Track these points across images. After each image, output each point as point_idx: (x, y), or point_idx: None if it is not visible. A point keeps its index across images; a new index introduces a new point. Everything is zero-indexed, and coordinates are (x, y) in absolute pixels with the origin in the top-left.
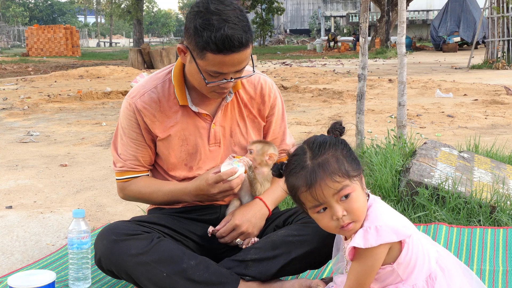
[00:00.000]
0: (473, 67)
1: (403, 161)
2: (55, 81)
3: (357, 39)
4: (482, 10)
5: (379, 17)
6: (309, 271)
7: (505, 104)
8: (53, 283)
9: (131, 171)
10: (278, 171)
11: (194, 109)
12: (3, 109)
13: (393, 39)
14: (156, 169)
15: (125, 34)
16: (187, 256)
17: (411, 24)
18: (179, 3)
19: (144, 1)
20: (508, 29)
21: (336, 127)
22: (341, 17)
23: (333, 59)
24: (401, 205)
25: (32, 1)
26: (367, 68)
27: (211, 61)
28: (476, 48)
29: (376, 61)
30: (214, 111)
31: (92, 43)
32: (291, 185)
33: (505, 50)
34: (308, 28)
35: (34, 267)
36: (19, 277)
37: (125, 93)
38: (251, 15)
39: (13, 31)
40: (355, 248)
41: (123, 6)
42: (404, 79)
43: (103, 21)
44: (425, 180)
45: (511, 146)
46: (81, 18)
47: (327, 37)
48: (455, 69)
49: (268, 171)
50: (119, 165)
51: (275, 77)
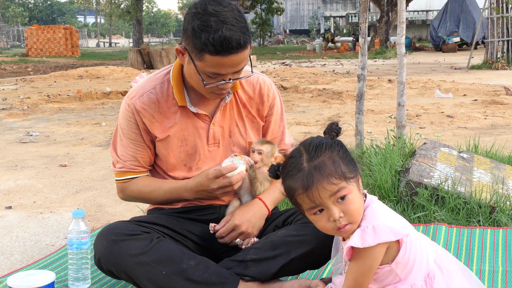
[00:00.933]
0: (473, 67)
1: (402, 161)
2: (55, 81)
3: (357, 40)
4: (481, 10)
5: (378, 17)
6: (308, 271)
7: (505, 104)
8: (53, 283)
9: (130, 171)
10: (275, 172)
11: (192, 109)
12: (3, 109)
13: (392, 39)
14: (155, 169)
15: (124, 34)
16: (187, 256)
17: (411, 24)
18: (178, 3)
19: (143, 1)
20: (507, 29)
21: (332, 128)
22: (341, 17)
23: (332, 59)
24: (401, 206)
25: (31, 1)
26: (366, 68)
27: (210, 63)
28: (475, 48)
29: (375, 61)
30: (213, 112)
31: (91, 43)
32: (288, 187)
33: (505, 50)
34: (307, 28)
35: (33, 267)
36: (18, 277)
37: (124, 93)
38: (251, 15)
39: (12, 31)
40: (353, 248)
41: (122, 6)
42: (403, 79)
43: (102, 21)
44: (425, 180)
45: (510, 146)
46: (80, 18)
47: (325, 37)
48: (455, 69)
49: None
50: (119, 166)
51: (274, 77)
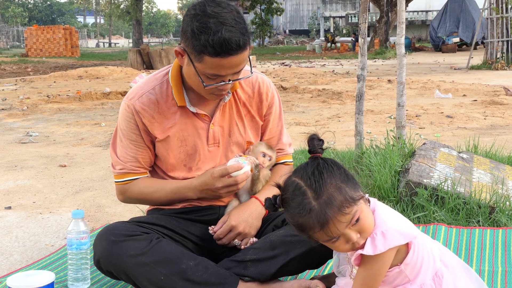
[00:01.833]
0: (472, 68)
1: (402, 161)
2: (54, 82)
3: (356, 40)
4: (481, 10)
5: (378, 17)
6: (308, 271)
7: (504, 104)
8: (52, 283)
9: (131, 173)
10: (272, 206)
11: (192, 109)
12: (2, 109)
13: (392, 39)
14: (155, 170)
15: (124, 34)
16: (186, 256)
17: (410, 24)
18: (178, 3)
19: (143, 2)
20: (507, 29)
21: (315, 144)
22: (340, 17)
23: (332, 60)
24: (400, 206)
25: (31, 2)
26: (366, 68)
27: (209, 64)
28: (475, 48)
29: (375, 61)
30: (212, 111)
31: (91, 43)
32: (302, 226)
33: (504, 50)
34: (307, 28)
35: (33, 267)
36: (18, 278)
37: (124, 94)
38: (250, 16)
39: (12, 32)
40: (362, 254)
41: (122, 6)
42: (403, 80)
43: (102, 21)
44: (424, 180)
45: (510, 146)
46: (80, 18)
47: (326, 38)
48: (454, 69)
49: (267, 172)
50: (119, 167)
51: (274, 77)
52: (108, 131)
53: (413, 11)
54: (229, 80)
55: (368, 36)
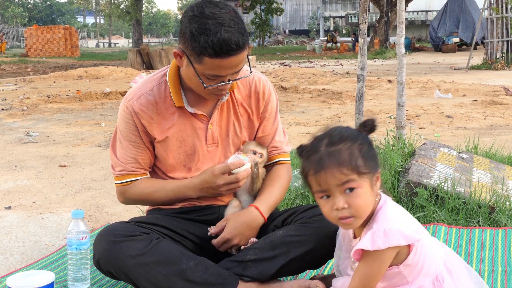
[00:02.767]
0: (472, 68)
1: (402, 161)
2: (54, 82)
3: (356, 40)
4: (481, 10)
5: (378, 17)
6: (308, 271)
7: (504, 104)
8: (52, 283)
9: (131, 174)
10: (300, 151)
11: (190, 110)
12: (2, 109)
13: (392, 39)
14: (154, 171)
15: (124, 34)
16: (186, 257)
17: (410, 24)
18: (178, 3)
19: (143, 2)
20: (507, 29)
21: (367, 123)
22: (340, 17)
23: (332, 60)
24: (400, 206)
25: (31, 2)
26: (366, 68)
27: (209, 65)
28: (475, 48)
29: (375, 61)
30: (210, 112)
31: (91, 43)
32: (302, 167)
33: (504, 50)
34: (307, 28)
35: (33, 267)
36: (18, 278)
37: (124, 94)
38: (250, 16)
39: (12, 32)
40: (362, 250)
41: (122, 6)
42: (403, 80)
43: (102, 21)
44: (424, 180)
45: (510, 146)
46: (80, 18)
47: (326, 38)
48: (454, 69)
49: (262, 170)
50: (119, 169)
51: (274, 77)
52: (108, 131)
53: (413, 11)
54: (229, 80)
55: (368, 36)
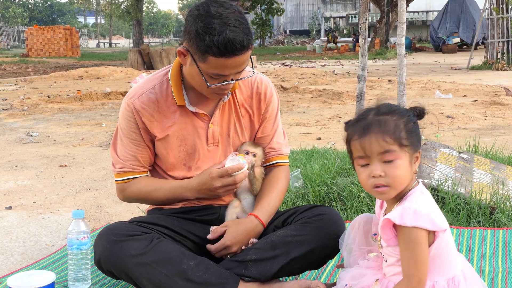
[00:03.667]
0: (473, 68)
1: None
2: (55, 82)
3: (357, 40)
4: (481, 11)
5: (378, 18)
6: (308, 272)
7: (505, 105)
8: (53, 283)
9: (131, 171)
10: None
11: (191, 109)
12: (3, 109)
13: (392, 40)
14: (155, 169)
15: (124, 34)
16: (187, 256)
17: (411, 25)
18: (178, 3)
19: (143, 2)
20: (507, 30)
21: (417, 108)
22: (341, 18)
23: (332, 60)
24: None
25: (31, 2)
26: (366, 69)
27: (213, 64)
28: (475, 49)
29: (375, 62)
30: (211, 111)
31: (91, 43)
32: (348, 132)
33: (505, 51)
34: (307, 29)
35: (33, 267)
36: (18, 278)
37: (124, 94)
38: (251, 16)
39: (12, 32)
40: (395, 229)
41: (122, 6)
42: (403, 80)
43: (102, 21)
44: (425, 181)
45: (510, 147)
46: (80, 18)
47: (327, 38)
48: (455, 70)
49: (260, 170)
50: (119, 166)
51: (274, 77)
52: (108, 131)
53: (414, 12)
54: (232, 79)
55: (368, 36)
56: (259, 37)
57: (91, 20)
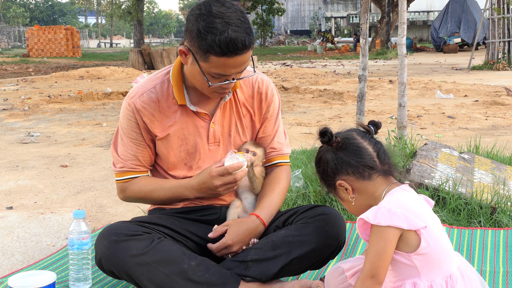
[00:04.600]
0: (474, 68)
1: (403, 162)
2: (56, 82)
3: (358, 40)
4: (482, 11)
5: (379, 18)
6: (309, 272)
7: (506, 105)
8: (54, 283)
9: (131, 171)
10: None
11: (192, 108)
12: (4, 109)
13: (393, 40)
14: (156, 169)
15: (125, 35)
16: (188, 256)
17: (412, 25)
18: (179, 4)
19: (144, 2)
20: (508, 30)
21: (364, 126)
22: (342, 18)
23: (333, 60)
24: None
25: (32, 2)
26: (367, 69)
27: (215, 64)
28: (476, 49)
29: (376, 62)
30: (212, 110)
31: (92, 43)
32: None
33: (506, 51)
34: (308, 29)
35: (34, 267)
36: (19, 278)
37: (125, 94)
38: (252, 16)
39: (13, 32)
40: (369, 227)
41: (123, 7)
42: (404, 80)
43: (103, 21)
44: (426, 181)
45: (511, 147)
46: (81, 19)
47: (325, 36)
48: (456, 70)
49: (261, 169)
50: (119, 166)
51: (275, 78)
52: (109, 131)
53: (415, 12)
54: (233, 78)
55: (369, 36)
56: (260, 37)
57: (92, 20)
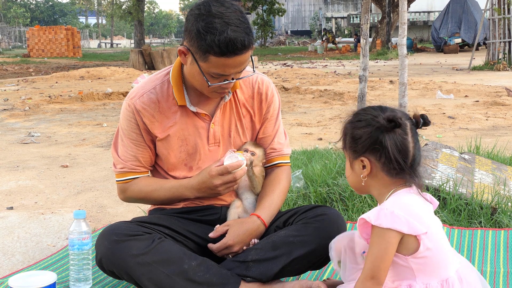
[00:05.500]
0: (474, 69)
1: None
2: (56, 82)
3: (358, 40)
4: (483, 11)
5: (380, 18)
6: (310, 272)
7: (506, 105)
8: (54, 284)
9: (131, 172)
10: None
11: (192, 109)
12: (4, 110)
13: (394, 40)
14: (156, 169)
15: (126, 35)
16: (188, 257)
17: (412, 25)
18: (180, 4)
19: (145, 2)
20: (509, 30)
21: (423, 117)
22: (342, 18)
23: (334, 60)
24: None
25: (33, 2)
26: (368, 69)
27: (214, 64)
28: (477, 49)
29: (377, 62)
30: (212, 111)
31: (93, 44)
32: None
33: (506, 51)
34: (309, 29)
35: (35, 268)
36: (20, 278)
37: (126, 94)
38: (252, 16)
39: (14, 32)
40: (369, 226)
41: (124, 7)
42: (405, 80)
43: (104, 22)
44: (426, 181)
45: None
46: (82, 19)
47: (325, 38)
48: (456, 70)
49: (260, 169)
50: (120, 166)
51: (276, 78)
52: (110, 131)
53: (415, 12)
54: (232, 78)
55: (370, 36)
56: (260, 37)
57: (92, 20)
